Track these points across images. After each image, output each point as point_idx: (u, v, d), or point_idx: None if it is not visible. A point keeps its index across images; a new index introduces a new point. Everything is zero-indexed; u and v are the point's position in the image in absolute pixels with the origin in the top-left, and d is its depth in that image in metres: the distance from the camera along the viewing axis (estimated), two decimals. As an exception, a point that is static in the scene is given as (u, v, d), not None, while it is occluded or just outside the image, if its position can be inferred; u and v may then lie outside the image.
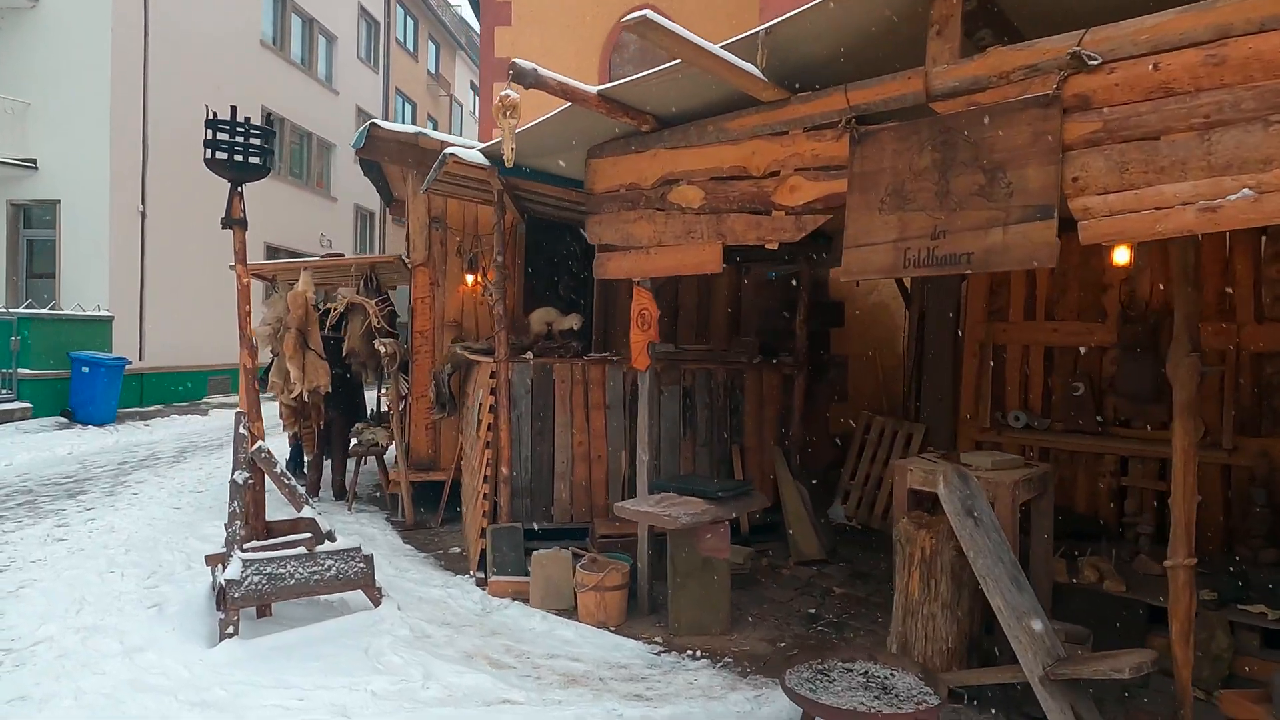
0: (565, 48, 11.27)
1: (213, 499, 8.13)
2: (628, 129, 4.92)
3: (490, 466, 5.63)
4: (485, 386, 5.69)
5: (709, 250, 4.48)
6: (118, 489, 8.54)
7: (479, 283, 7.36)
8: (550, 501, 5.86)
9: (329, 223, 22.58)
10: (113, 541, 6.42)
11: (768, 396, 6.39)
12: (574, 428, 5.88)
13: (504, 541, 5.53)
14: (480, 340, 7.37)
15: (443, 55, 31.21)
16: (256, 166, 4.49)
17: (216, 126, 4.44)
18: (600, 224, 5.14)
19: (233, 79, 17.87)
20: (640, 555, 4.99)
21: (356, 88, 24.08)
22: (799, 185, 4.03)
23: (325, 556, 4.59)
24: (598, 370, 5.93)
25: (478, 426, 5.74)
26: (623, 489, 5.98)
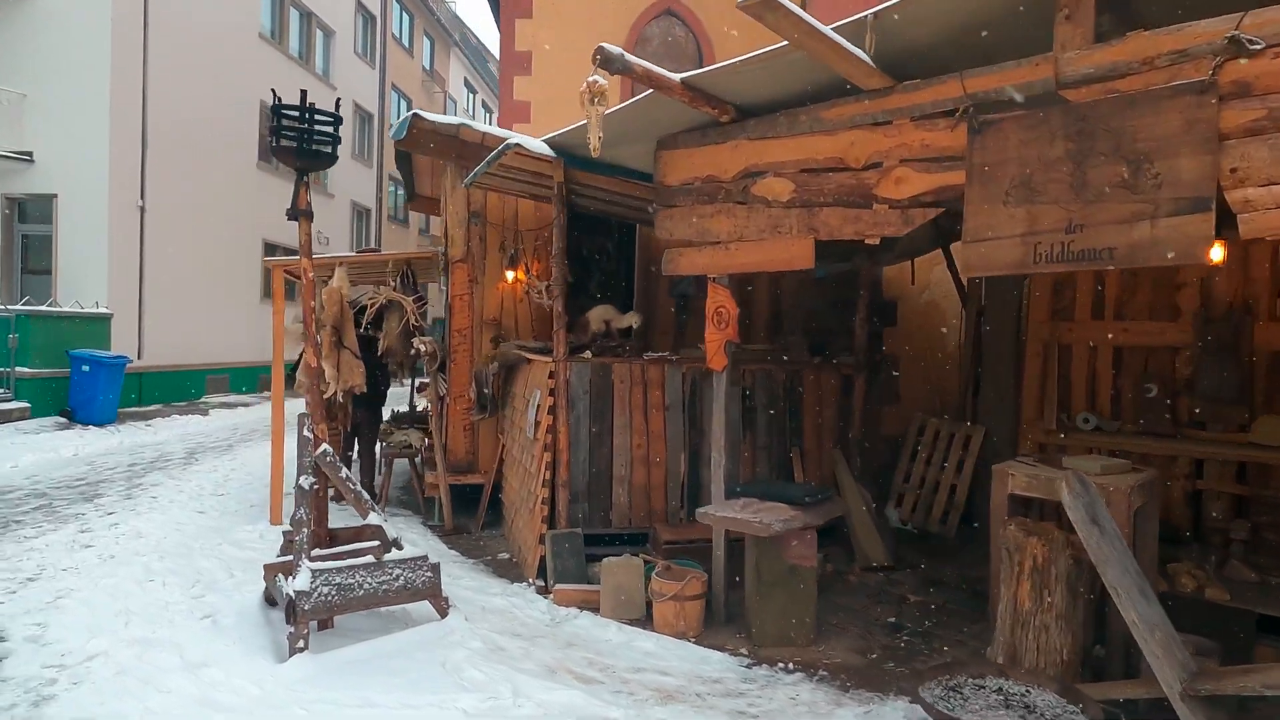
0: (586, 42, 10.93)
1: (236, 502, 7.86)
2: (705, 119, 4.73)
3: (549, 470, 5.42)
4: (543, 387, 5.48)
5: (799, 245, 4.30)
6: (134, 492, 8.24)
7: (519, 280, 7.14)
8: (609, 506, 5.65)
9: (325, 220, 22.21)
10: (144, 548, 6.15)
11: (826, 397, 6.22)
12: (633, 430, 5.68)
13: (564, 548, 5.33)
14: (520, 339, 7.16)
15: (437, 51, 30.88)
16: (325, 155, 4.25)
17: (283, 112, 4.19)
18: (671, 219, 4.95)
19: (232, 72, 17.53)
20: (716, 563, 4.80)
21: (353, 83, 23.72)
22: (906, 177, 3.86)
23: (393, 565, 4.36)
24: (657, 370, 5.74)
25: (535, 428, 5.53)
26: (682, 493, 5.79)
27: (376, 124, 25.34)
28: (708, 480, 5.81)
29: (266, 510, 7.52)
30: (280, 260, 6.76)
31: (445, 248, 7.11)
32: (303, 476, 4.30)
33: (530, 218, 7.25)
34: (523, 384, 6.21)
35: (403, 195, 27.94)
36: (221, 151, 17.30)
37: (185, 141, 16.05)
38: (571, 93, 5.69)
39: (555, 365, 5.46)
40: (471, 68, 34.82)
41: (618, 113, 4.79)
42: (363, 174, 24.68)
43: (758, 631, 4.46)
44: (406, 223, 28.23)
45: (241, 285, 18.30)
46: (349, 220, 23.85)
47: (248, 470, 9.59)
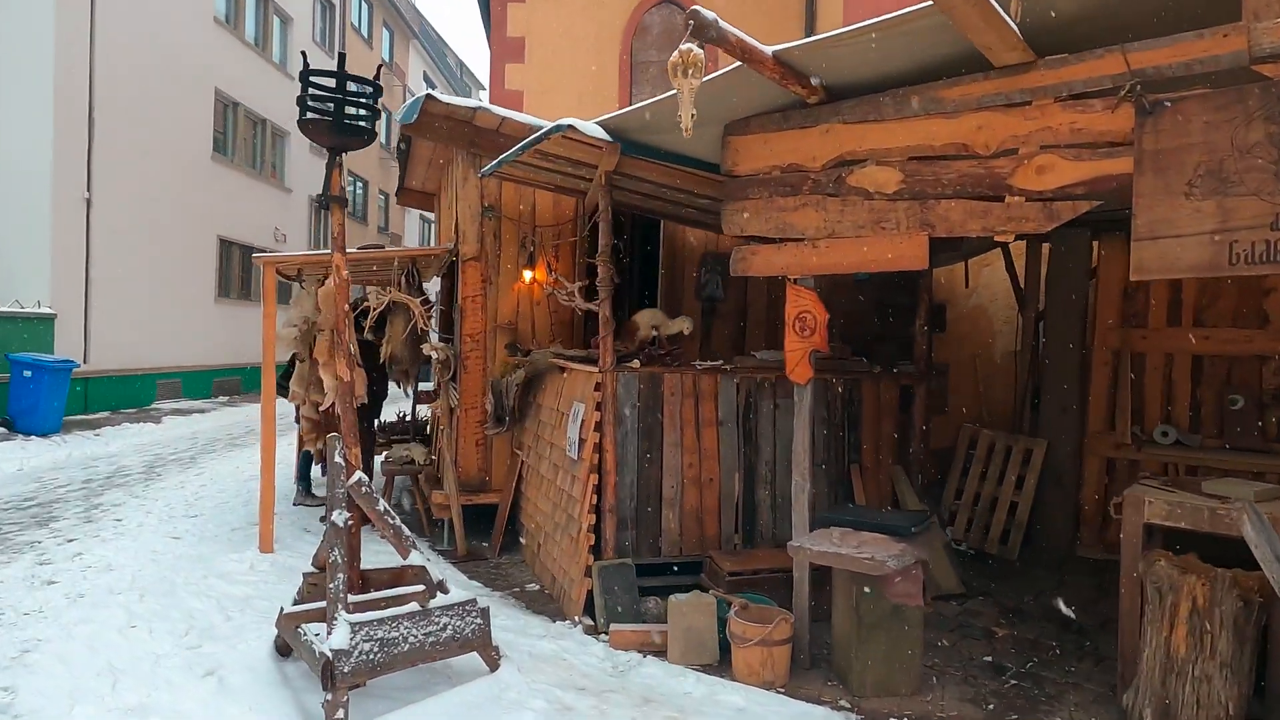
0: (584, 28, 10.45)
1: (213, 525, 7.07)
2: (783, 101, 4.20)
3: (595, 493, 4.83)
4: (589, 400, 4.88)
5: (909, 243, 3.79)
6: (94, 514, 7.38)
7: (537, 280, 6.52)
8: (658, 533, 5.08)
9: (283, 215, 21.18)
10: (118, 584, 5.37)
11: (885, 409, 5.74)
12: (683, 447, 5.12)
13: (615, 582, 4.74)
14: (539, 345, 6.54)
15: (396, 43, 29.86)
16: (363, 130, 3.60)
17: (312, 80, 3.52)
18: (743, 212, 4.40)
19: (185, 57, 16.48)
20: (799, 600, 4.26)
21: (312, 73, 22.63)
22: (1050, 165, 3.37)
23: (440, 613, 3.74)
24: (709, 381, 5.19)
25: (579, 447, 4.93)
26: (737, 517, 5.24)
27: (335, 116, 24.24)
28: (763, 502, 5.30)
29: (251, 535, 6.77)
30: (273, 257, 6.03)
31: (455, 245, 6.45)
32: (336, 512, 3.63)
33: (548, 212, 6.63)
34: (554, 396, 5.60)
35: (361, 191, 26.89)
36: (173, 141, 16.23)
37: (135, 130, 14.97)
38: (570, 82, 5.18)
39: (602, 376, 4.87)
40: (431, 61, 33.84)
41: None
42: (320, 168, 23.54)
43: (856, 680, 3.93)
44: (365, 220, 27.19)
45: (195, 283, 17.23)
46: (307, 216, 22.78)
47: (219, 486, 8.76)
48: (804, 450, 4.32)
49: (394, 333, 6.43)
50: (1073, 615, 4.85)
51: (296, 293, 6.53)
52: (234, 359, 18.99)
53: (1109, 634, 4.70)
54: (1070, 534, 5.88)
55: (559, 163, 5.20)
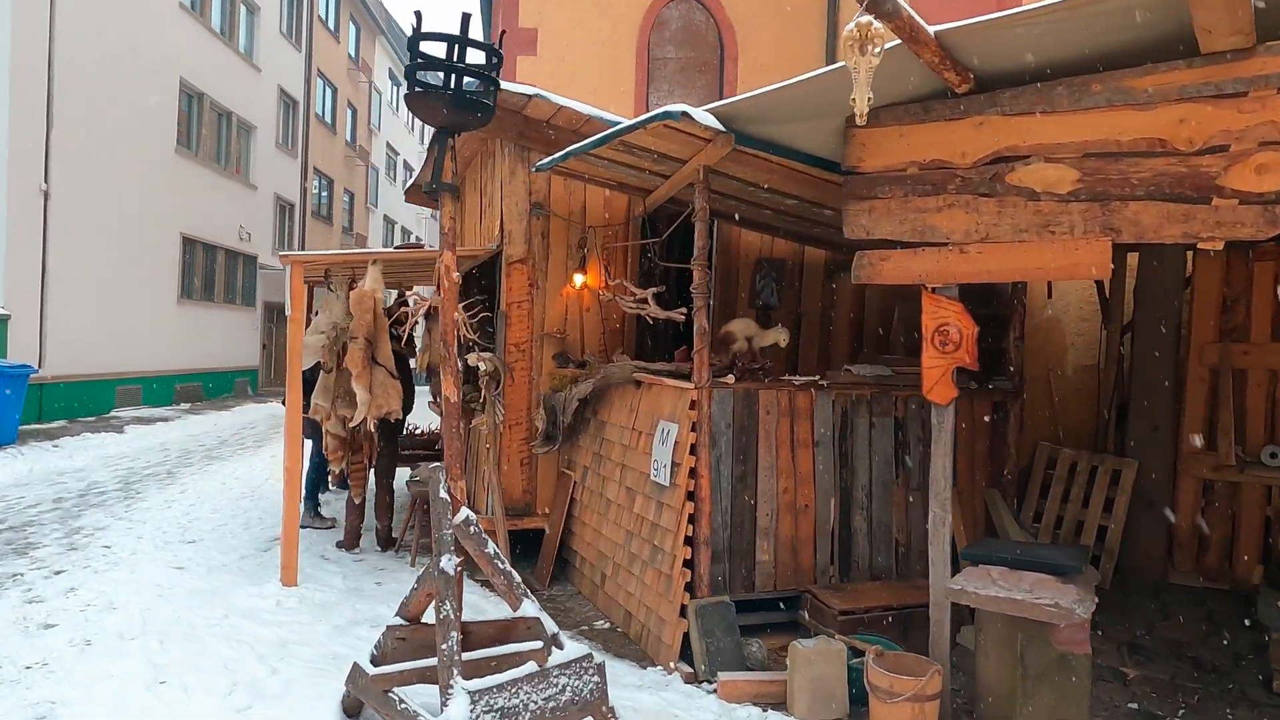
0: (598, 21, 9.96)
1: (218, 552, 6.38)
2: (929, 89, 3.78)
3: (690, 523, 4.33)
4: (683, 419, 4.39)
5: (1088, 249, 3.38)
6: (77, 540, 6.62)
7: (587, 285, 6.00)
8: (751, 565, 4.60)
9: (248, 213, 20.19)
10: (128, 626, 4.70)
11: (979, 428, 5.36)
12: (779, 470, 4.66)
13: (715, 623, 4.25)
14: (589, 354, 6.02)
15: (363, 39, 28.93)
16: (487, 108, 3.05)
17: (419, 48, 2.97)
18: (870, 212, 3.96)
19: (149, 44, 15.53)
20: (939, 646, 3.82)
21: (279, 66, 21.72)
22: (1274, 164, 3.00)
23: (558, 673, 3.20)
24: (805, 398, 4.73)
25: (671, 471, 4.42)
26: (832, 547, 4.79)
27: (301, 112, 23.32)
28: (859, 530, 4.87)
29: (263, 563, 6.12)
30: (300, 256, 5.39)
31: (500, 245, 5.89)
32: (445, 557, 3.06)
33: (599, 212, 6.12)
34: (626, 412, 5.08)
35: (326, 190, 25.90)
36: (136, 133, 15.25)
37: (96, 119, 14.00)
38: (585, 77, 4.73)
39: (698, 393, 4.38)
40: (397, 58, 32.89)
41: (812, 80, 3.77)
42: (287, 165, 22.64)
43: (1019, 739, 3.51)
44: (330, 220, 26.21)
45: (156, 284, 16.22)
46: (272, 215, 21.78)
47: (209, 506, 8.02)
48: (945, 478, 3.88)
49: (434, 340, 5.84)
50: (1202, 653, 4.50)
51: (323, 296, 5.89)
52: (196, 364, 17.98)
53: (1245, 672, 4.38)
54: (1163, 560, 5.57)
55: (641, 156, 4.72)
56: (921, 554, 5.11)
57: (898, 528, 5.00)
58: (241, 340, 20.25)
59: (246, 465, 10.48)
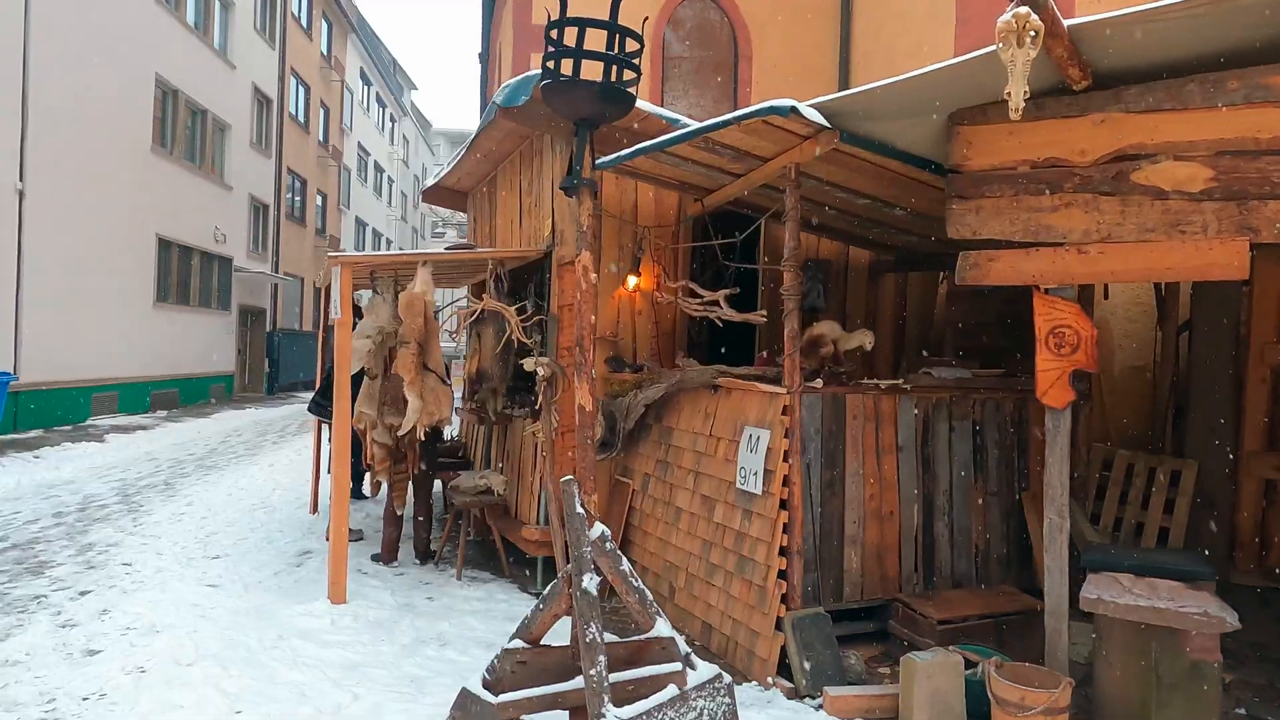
0: (614, 19, 9.76)
1: (249, 567, 6.09)
2: (1043, 84, 3.69)
3: (785, 533, 4.19)
4: (776, 426, 4.25)
5: (1223, 250, 3.32)
6: (93, 557, 6.27)
7: (640, 288, 5.84)
8: (839, 574, 4.48)
9: (223, 214, 19.62)
10: (180, 651, 4.39)
11: (1049, 431, 5.29)
12: (864, 477, 4.54)
13: (814, 636, 4.11)
14: (641, 358, 5.86)
15: (335, 37, 28.34)
16: (630, 98, 2.88)
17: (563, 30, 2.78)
18: (977, 211, 3.87)
19: (125, 40, 15.01)
20: (1057, 656, 3.72)
21: (253, 64, 21.16)
22: None
23: (695, 696, 3.03)
24: (889, 402, 4.62)
25: (763, 479, 4.28)
26: (916, 553, 4.69)
27: (275, 110, 22.75)
28: (941, 536, 4.78)
29: (299, 579, 5.85)
30: (348, 257, 5.14)
31: (551, 246, 5.69)
32: (587, 576, 2.88)
33: (650, 211, 5.95)
34: (700, 418, 4.92)
35: (300, 191, 25.30)
36: (113, 130, 14.72)
37: (73, 116, 13.47)
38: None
39: (790, 399, 4.24)
40: (368, 58, 32.34)
41: (924, 76, 3.66)
42: (262, 165, 22.06)
43: (1153, 751, 3.42)
44: (303, 221, 25.62)
45: (132, 286, 15.65)
46: (247, 216, 21.19)
47: (224, 519, 7.67)
48: (1062, 485, 3.79)
49: (485, 344, 5.62)
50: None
51: (369, 300, 5.63)
52: (172, 370, 17.39)
53: (1337, 675, 4.36)
54: (1225, 561, 5.56)
55: (719, 154, 4.56)
56: (999, 559, 5.05)
57: (976, 533, 4.92)
58: (217, 345, 19.66)
59: (246, 475, 10.09)
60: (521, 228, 6.38)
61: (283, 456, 11.84)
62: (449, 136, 54.52)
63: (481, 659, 4.46)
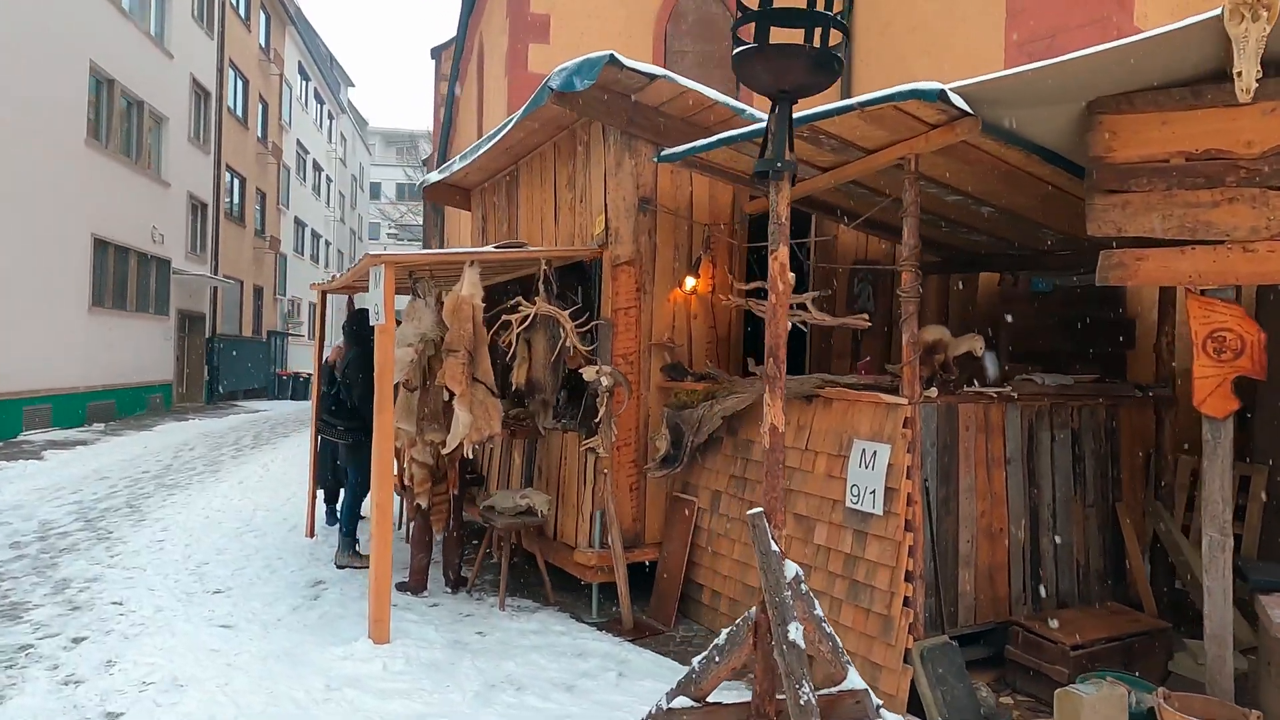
0: (614, 10, 9.37)
1: (260, 604, 5.45)
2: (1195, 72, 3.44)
3: (909, 556, 3.85)
4: (897, 440, 3.90)
5: None
6: (71, 594, 5.55)
7: (697, 291, 5.44)
8: (955, 597, 4.16)
9: (160, 213, 18.42)
10: (217, 710, 3.87)
11: (1138, 437, 5.10)
12: (977, 492, 4.24)
13: (946, 668, 3.78)
14: (695, 366, 5.46)
15: (274, 29, 27.09)
16: (838, 66, 2.48)
17: None
18: (1123, 207, 3.59)
19: (58, 22, 13.85)
20: (1219, 681, 3.47)
21: (191, 53, 19.97)
22: None
23: (894, 753, 2.65)
24: (998, 412, 4.33)
25: (884, 498, 3.92)
26: (1025, 572, 4.41)
27: (214, 103, 21.55)
28: (1046, 553, 4.51)
29: (328, 614, 5.26)
30: (393, 256, 4.59)
31: (606, 245, 5.24)
32: (792, 625, 2.46)
33: (705, 207, 5.56)
34: (794, 431, 4.54)
35: (238, 189, 24.03)
36: (43, 124, 13.56)
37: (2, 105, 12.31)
38: None
39: (910, 410, 3.90)
40: (306, 51, 31.06)
41: (1070, 63, 3.37)
42: (200, 162, 20.84)
43: (1338, 784, 3.19)
44: (242, 221, 24.35)
45: (67, 290, 14.49)
46: (185, 215, 19.96)
47: (210, 545, 6.95)
48: (1224, 500, 3.54)
49: (536, 352, 5.14)
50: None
51: (407, 304, 5.07)
52: (109, 380, 16.20)
53: None
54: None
55: (822, 144, 4.20)
56: (1099, 574, 4.82)
57: (1078, 547, 4.67)
58: (155, 352, 18.44)
59: (217, 494, 9.29)
60: (558, 225, 5.90)
61: (249, 473, 11.01)
62: (385, 136, 53.03)
63: (569, 705, 4.01)
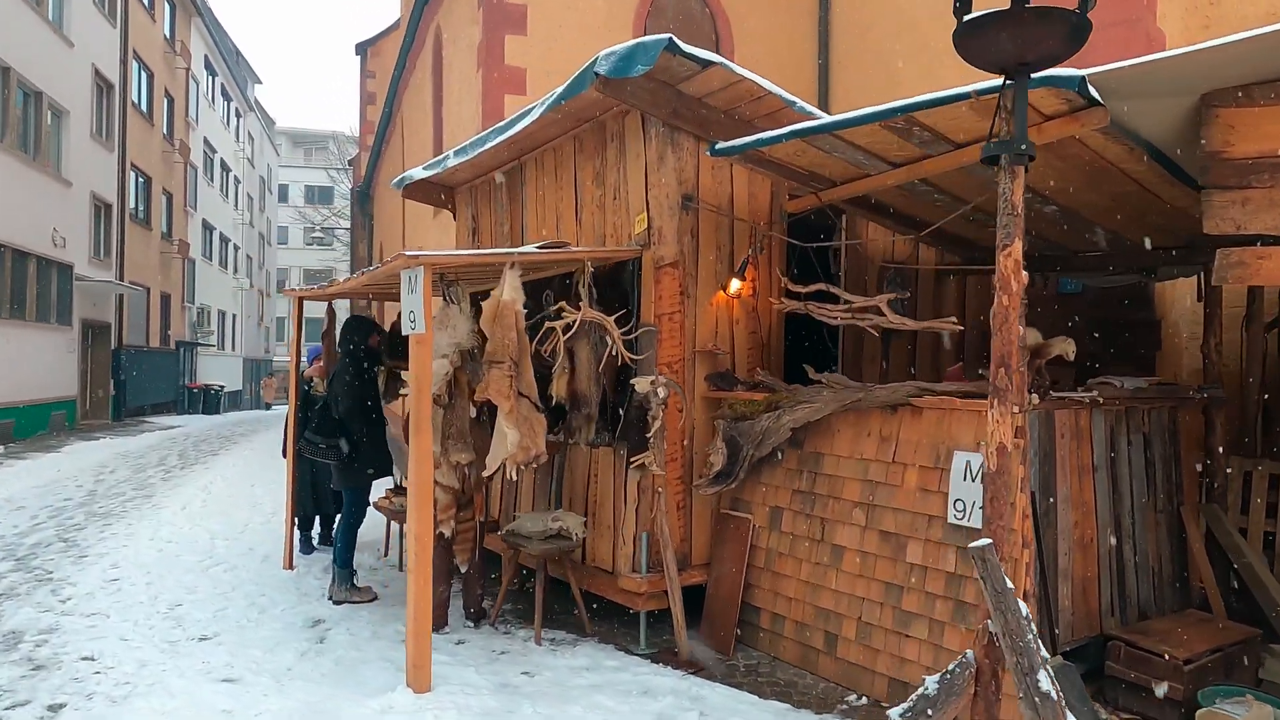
0: (594, 3, 8.98)
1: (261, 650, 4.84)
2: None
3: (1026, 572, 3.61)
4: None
5: None
6: (30, 650, 4.82)
7: (740, 293, 5.13)
8: (1054, 614, 3.96)
9: (61, 214, 16.97)
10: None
11: (1194, 440, 5.05)
12: (1072, 502, 4.06)
13: (1068, 691, 3.54)
14: (737, 373, 5.14)
15: (179, 19, 25.46)
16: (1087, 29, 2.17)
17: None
18: (1243, 204, 3.46)
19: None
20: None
21: (92, 42, 18.51)
22: None
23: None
24: (1085, 418, 4.17)
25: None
26: (1113, 584, 4.25)
27: (118, 97, 20.03)
28: (1129, 562, 4.38)
29: (342, 659, 4.69)
30: (433, 256, 4.09)
31: (648, 245, 4.86)
32: (1042, 674, 2.15)
33: (744, 205, 5.25)
34: (876, 443, 4.25)
35: (143, 189, 22.41)
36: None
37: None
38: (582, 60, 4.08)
39: (1023, 419, 3.67)
40: (213, 44, 29.36)
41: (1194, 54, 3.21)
42: (103, 159, 19.33)
43: None
44: (149, 224, 22.75)
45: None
46: (88, 217, 18.45)
47: (177, 582, 6.22)
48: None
49: (580, 362, 4.70)
50: None
51: (439, 311, 4.55)
52: (7, 397, 14.86)
53: None
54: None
55: (913, 136, 3.94)
56: (1173, 581, 4.72)
57: (1153, 554, 4.56)
58: (57, 366, 16.94)
59: (162, 523, 8.42)
60: (580, 225, 5.48)
61: (189, 497, 10.09)
62: (293, 136, 50.86)
63: (665, 755, 3.61)
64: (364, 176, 20.66)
